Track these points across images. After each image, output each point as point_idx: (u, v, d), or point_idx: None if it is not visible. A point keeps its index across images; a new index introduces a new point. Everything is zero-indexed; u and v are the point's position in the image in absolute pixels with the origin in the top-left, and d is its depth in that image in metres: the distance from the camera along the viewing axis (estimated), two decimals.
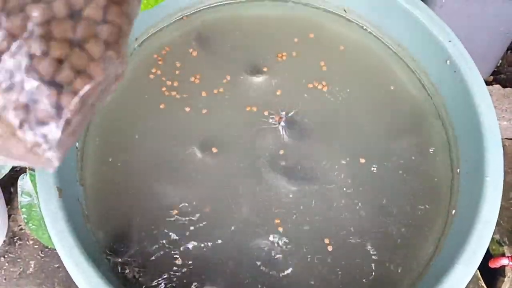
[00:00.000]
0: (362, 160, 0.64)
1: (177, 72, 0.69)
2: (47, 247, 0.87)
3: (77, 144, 0.62)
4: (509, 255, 0.81)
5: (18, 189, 0.67)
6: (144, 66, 0.70)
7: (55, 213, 0.52)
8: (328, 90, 0.69)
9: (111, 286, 0.50)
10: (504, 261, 0.77)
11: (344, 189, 0.63)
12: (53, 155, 0.27)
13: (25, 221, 0.68)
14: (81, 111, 0.27)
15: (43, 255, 0.87)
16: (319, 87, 0.69)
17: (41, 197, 0.53)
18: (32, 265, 0.86)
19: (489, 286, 0.83)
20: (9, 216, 0.89)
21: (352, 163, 0.64)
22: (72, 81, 0.26)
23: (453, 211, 0.61)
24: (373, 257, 0.60)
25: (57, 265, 0.86)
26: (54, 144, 0.26)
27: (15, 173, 0.80)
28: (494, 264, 0.78)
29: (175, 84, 0.68)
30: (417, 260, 0.60)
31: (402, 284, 0.59)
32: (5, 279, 0.85)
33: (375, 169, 0.64)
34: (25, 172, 0.67)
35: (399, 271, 0.59)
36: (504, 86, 0.97)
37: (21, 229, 0.88)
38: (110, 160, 0.64)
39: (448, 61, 0.64)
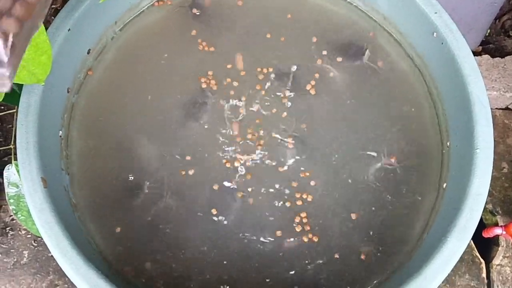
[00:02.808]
0: (352, 136, 0.64)
1: None
2: (39, 237, 0.86)
3: (60, 132, 0.61)
4: (503, 224, 0.81)
5: (5, 180, 0.66)
6: None
7: (40, 204, 0.52)
8: (317, 65, 0.68)
9: (101, 275, 0.50)
10: (498, 231, 0.77)
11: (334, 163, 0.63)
12: (4, 72, 0.32)
13: (14, 212, 0.67)
14: (22, 34, 0.33)
15: (36, 245, 0.87)
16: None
17: (25, 188, 0.52)
18: (26, 255, 0.86)
19: (483, 256, 0.83)
20: (0, 206, 0.88)
21: (340, 139, 0.64)
22: (11, 7, 0.32)
23: (444, 185, 0.61)
24: (365, 237, 0.60)
25: (51, 254, 0.85)
26: (4, 63, 0.31)
27: (3, 162, 0.80)
28: (487, 234, 0.78)
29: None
30: (409, 235, 0.60)
31: (395, 260, 0.59)
32: None
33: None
34: (11, 163, 0.66)
35: (392, 247, 0.59)
36: (493, 56, 0.97)
37: (13, 219, 0.88)
38: (95, 147, 0.63)
39: (434, 33, 0.63)
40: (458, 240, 0.52)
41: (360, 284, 0.58)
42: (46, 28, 0.50)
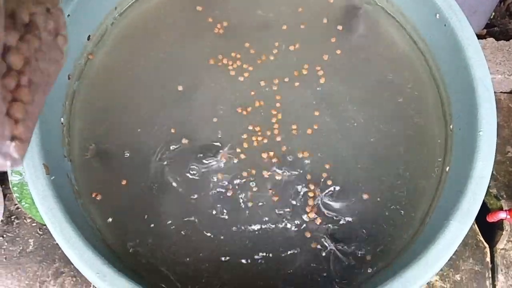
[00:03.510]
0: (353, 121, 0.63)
1: None
2: (44, 225, 0.86)
3: (62, 119, 0.61)
4: (507, 208, 0.80)
5: (8, 168, 0.67)
6: None
7: (43, 191, 0.52)
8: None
9: (105, 261, 0.50)
10: (502, 215, 0.77)
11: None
12: (19, 162, 0.31)
13: (18, 200, 0.68)
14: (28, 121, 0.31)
15: (41, 233, 0.87)
16: None
17: (28, 175, 0.52)
18: (32, 243, 0.86)
19: (488, 240, 0.83)
20: (5, 195, 0.88)
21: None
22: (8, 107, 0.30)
23: (447, 168, 0.61)
24: (369, 215, 0.60)
25: (56, 242, 0.85)
26: (19, 160, 0.31)
27: None
28: (492, 218, 0.78)
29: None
30: (412, 219, 0.60)
31: (398, 243, 0.59)
32: (5, 258, 0.85)
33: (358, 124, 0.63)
34: None
35: (395, 230, 0.59)
36: (497, 39, 0.95)
37: (18, 208, 0.88)
38: (97, 133, 0.63)
39: (437, 15, 0.62)
40: (461, 223, 0.52)
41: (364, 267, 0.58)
42: None
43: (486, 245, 0.82)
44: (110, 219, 0.59)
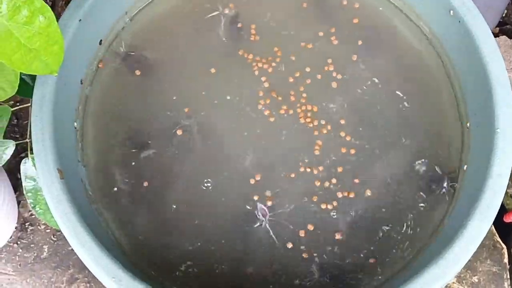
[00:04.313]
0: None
1: None
2: (59, 231, 0.86)
3: (75, 124, 0.61)
4: None
5: (22, 174, 0.67)
6: None
7: (57, 195, 0.52)
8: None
9: (120, 265, 0.50)
10: None
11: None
12: None
13: (32, 206, 0.67)
14: None
15: (55, 239, 0.87)
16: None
17: (42, 180, 0.52)
18: (46, 249, 0.86)
19: (504, 241, 0.82)
20: (19, 202, 0.88)
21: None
22: None
23: (465, 167, 0.60)
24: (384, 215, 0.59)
25: (70, 248, 0.85)
26: None
27: (21, 158, 0.80)
28: (509, 218, 0.77)
29: None
30: (431, 219, 0.59)
31: (417, 243, 0.58)
32: (19, 265, 0.85)
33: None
34: (27, 157, 0.66)
35: (413, 230, 0.59)
36: (510, 37, 0.94)
37: (31, 214, 0.88)
38: (110, 138, 0.63)
39: (451, 11, 0.62)
40: (481, 221, 0.51)
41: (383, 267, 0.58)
42: (57, 19, 0.50)
43: (504, 246, 0.81)
44: (125, 225, 0.59)
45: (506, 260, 0.80)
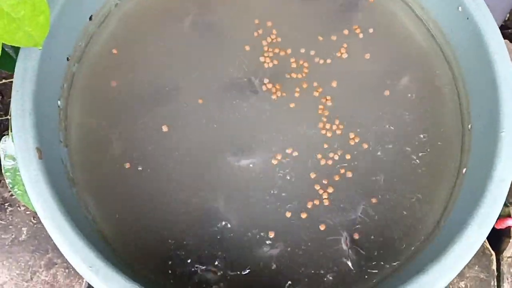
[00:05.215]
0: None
1: None
2: None
3: (59, 102, 0.58)
4: None
5: (1, 152, 0.64)
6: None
7: (35, 175, 0.49)
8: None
9: (99, 254, 0.47)
10: (510, 222, 0.76)
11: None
12: None
13: (10, 186, 0.65)
14: None
15: (35, 221, 0.85)
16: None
17: (19, 159, 0.49)
18: (25, 232, 0.84)
19: (494, 247, 0.81)
20: None
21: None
22: None
23: (464, 170, 0.58)
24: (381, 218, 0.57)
25: None
26: None
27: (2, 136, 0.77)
28: (499, 225, 0.77)
29: None
30: (425, 222, 0.57)
31: (411, 247, 0.56)
32: None
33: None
34: (7, 134, 0.63)
35: (407, 234, 0.57)
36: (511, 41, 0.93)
37: (11, 195, 0.85)
38: (97, 119, 0.60)
39: (460, 8, 0.59)
40: (480, 227, 0.49)
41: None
42: None
43: (493, 252, 0.80)
44: (106, 211, 0.56)
45: (494, 267, 0.80)
